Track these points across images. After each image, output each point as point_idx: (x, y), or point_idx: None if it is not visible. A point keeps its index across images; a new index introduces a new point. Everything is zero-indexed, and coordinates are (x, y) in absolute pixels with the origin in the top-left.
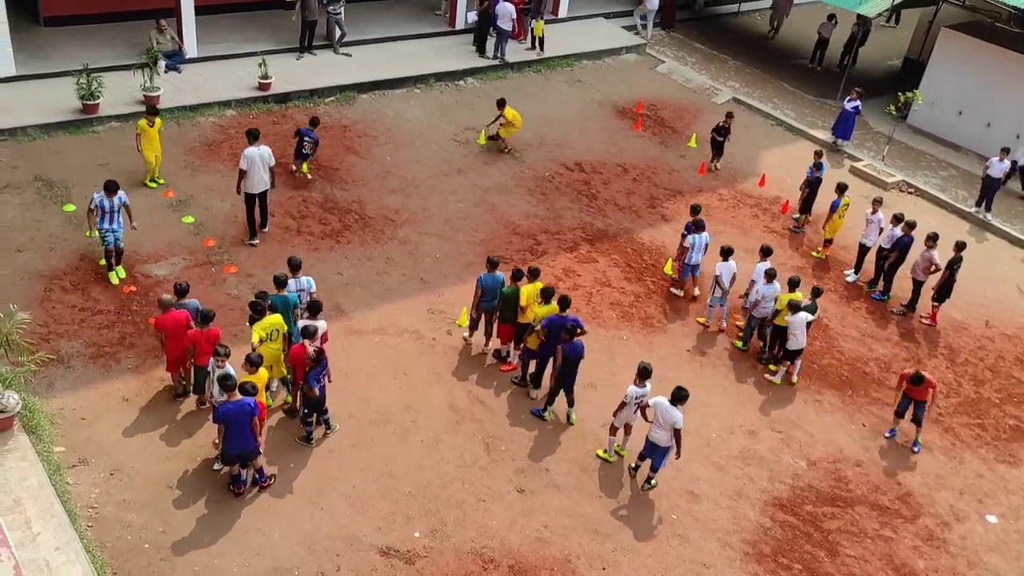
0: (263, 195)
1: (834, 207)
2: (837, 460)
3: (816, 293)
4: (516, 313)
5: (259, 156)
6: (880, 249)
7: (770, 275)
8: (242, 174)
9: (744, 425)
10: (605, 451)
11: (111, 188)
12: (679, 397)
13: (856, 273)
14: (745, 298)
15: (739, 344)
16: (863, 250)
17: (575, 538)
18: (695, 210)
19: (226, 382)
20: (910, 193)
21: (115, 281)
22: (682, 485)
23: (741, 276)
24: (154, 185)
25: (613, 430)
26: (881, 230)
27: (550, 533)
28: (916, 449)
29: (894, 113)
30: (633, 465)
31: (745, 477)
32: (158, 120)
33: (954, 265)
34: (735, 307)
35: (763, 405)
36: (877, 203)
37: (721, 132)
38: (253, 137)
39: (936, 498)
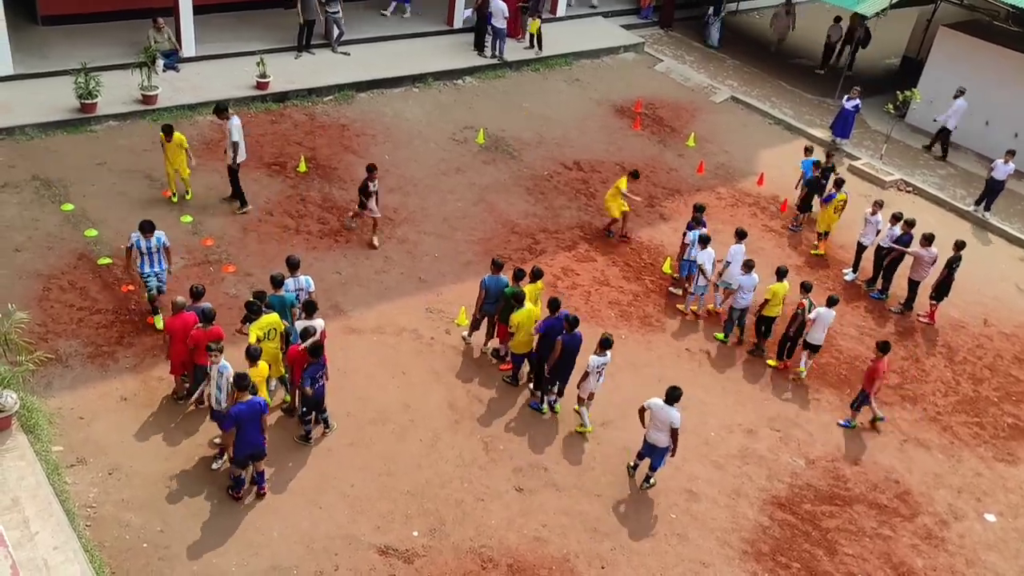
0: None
1: (829, 199)
2: (836, 459)
3: (781, 273)
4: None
5: (241, 126)
6: (879, 248)
7: (748, 266)
8: (236, 146)
9: (743, 424)
10: (582, 425)
11: (147, 228)
12: (674, 397)
13: (854, 272)
14: (719, 277)
15: (719, 336)
16: (861, 249)
17: (574, 537)
18: (698, 209)
19: (242, 381)
20: (908, 191)
21: (160, 325)
22: (681, 484)
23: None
24: (188, 198)
25: (580, 400)
26: (879, 231)
27: (549, 532)
28: (846, 424)
29: (892, 112)
30: (632, 464)
31: (744, 476)
32: (176, 135)
33: (953, 264)
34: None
35: (762, 404)
36: (878, 205)
37: (826, 174)
38: (225, 110)
39: (934, 497)
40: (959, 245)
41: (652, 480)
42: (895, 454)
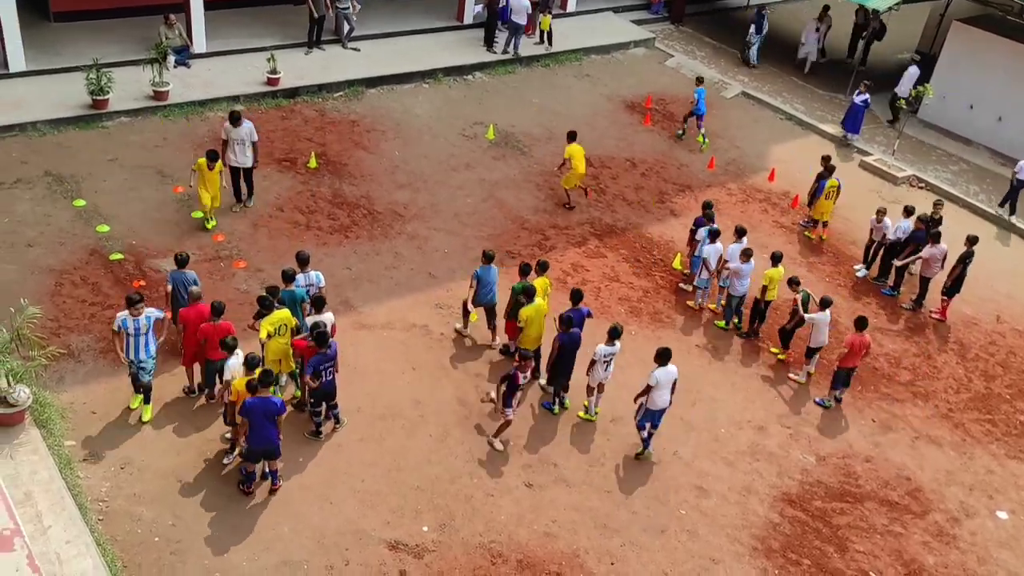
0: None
1: (820, 189)
2: (846, 456)
3: (776, 259)
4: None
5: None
6: (894, 243)
7: (747, 254)
8: (256, 146)
9: (753, 420)
10: (586, 411)
11: (134, 301)
12: (667, 357)
13: (867, 268)
14: (718, 276)
15: (720, 324)
16: (877, 247)
17: (583, 533)
18: (707, 206)
19: (267, 378)
20: (921, 187)
21: (147, 417)
22: (691, 480)
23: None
24: (211, 225)
25: (589, 390)
26: (884, 234)
27: (558, 528)
28: (819, 401)
29: (905, 107)
30: (640, 451)
31: (754, 472)
32: (219, 164)
33: (965, 259)
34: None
35: (772, 400)
36: (881, 213)
37: (934, 224)
38: (240, 117)
39: (946, 494)
40: (971, 240)
41: (651, 447)
42: (906, 451)
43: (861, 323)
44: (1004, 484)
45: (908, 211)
